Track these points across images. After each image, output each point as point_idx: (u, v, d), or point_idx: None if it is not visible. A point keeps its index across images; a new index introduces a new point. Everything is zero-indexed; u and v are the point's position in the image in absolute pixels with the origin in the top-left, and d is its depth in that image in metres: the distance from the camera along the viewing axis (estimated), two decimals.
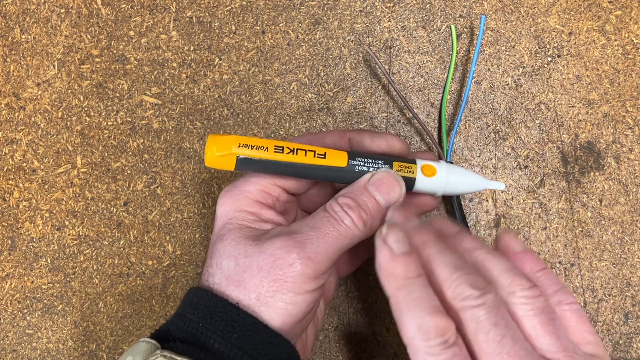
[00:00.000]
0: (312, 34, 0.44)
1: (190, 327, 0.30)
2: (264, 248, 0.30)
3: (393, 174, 0.33)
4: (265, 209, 0.33)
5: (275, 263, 0.30)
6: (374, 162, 0.34)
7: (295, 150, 0.32)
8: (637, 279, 0.42)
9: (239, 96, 0.44)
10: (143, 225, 0.43)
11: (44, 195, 0.43)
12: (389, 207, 0.33)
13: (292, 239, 0.30)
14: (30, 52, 0.44)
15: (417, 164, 0.34)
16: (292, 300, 0.30)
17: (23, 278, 0.43)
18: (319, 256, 0.30)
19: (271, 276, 0.30)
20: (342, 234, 0.31)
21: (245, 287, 0.30)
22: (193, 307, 0.31)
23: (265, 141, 0.32)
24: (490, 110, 0.43)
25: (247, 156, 0.32)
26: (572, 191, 0.42)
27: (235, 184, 0.34)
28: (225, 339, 0.29)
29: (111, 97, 0.44)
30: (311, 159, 0.33)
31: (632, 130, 0.42)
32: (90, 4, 0.44)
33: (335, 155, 0.33)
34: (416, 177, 0.34)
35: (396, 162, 0.34)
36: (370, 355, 0.42)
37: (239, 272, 0.31)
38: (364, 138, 0.35)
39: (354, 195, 0.32)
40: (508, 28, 0.43)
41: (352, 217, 0.31)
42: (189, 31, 0.44)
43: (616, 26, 0.43)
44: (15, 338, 0.43)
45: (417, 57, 0.43)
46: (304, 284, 0.30)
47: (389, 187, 0.33)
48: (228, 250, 0.31)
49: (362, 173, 0.33)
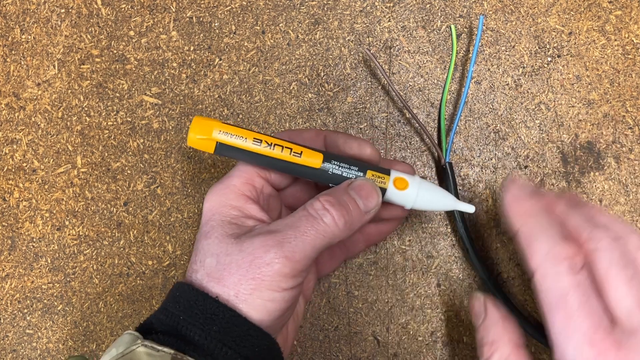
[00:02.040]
0: (312, 34, 0.44)
1: (172, 320, 0.31)
2: (244, 247, 0.31)
3: (372, 183, 0.34)
4: (250, 204, 0.34)
5: (254, 262, 0.31)
6: (348, 167, 0.34)
7: (272, 145, 0.33)
8: None
9: (239, 96, 0.44)
10: (143, 225, 0.43)
11: (44, 195, 0.43)
12: (367, 213, 0.34)
13: (271, 238, 0.31)
14: (31, 52, 0.44)
15: (391, 175, 0.35)
16: (271, 297, 0.31)
17: (23, 278, 0.43)
18: (296, 255, 0.31)
19: (249, 274, 0.31)
20: (321, 232, 0.32)
21: (225, 284, 0.31)
22: (175, 300, 0.32)
23: (245, 132, 0.33)
24: (490, 110, 0.43)
25: (226, 143, 0.33)
26: (572, 191, 0.42)
27: (220, 180, 0.35)
28: (205, 331, 0.30)
29: (111, 97, 0.44)
30: (287, 156, 0.34)
31: (632, 130, 0.42)
32: (90, 4, 0.44)
33: (310, 155, 0.34)
34: (387, 188, 0.35)
35: (370, 170, 0.35)
36: (370, 355, 0.42)
37: (219, 269, 0.31)
38: (339, 139, 0.36)
39: (335, 195, 0.33)
40: (508, 28, 0.43)
41: (334, 214, 0.32)
42: (189, 31, 0.44)
43: (616, 26, 0.43)
44: (15, 338, 0.43)
45: (417, 57, 0.43)
46: (282, 282, 0.31)
47: (367, 194, 0.34)
48: (211, 248, 0.32)
49: (335, 176, 0.34)
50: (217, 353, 0.30)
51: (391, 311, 0.42)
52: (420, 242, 0.43)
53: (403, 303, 0.42)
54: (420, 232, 0.43)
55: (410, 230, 0.42)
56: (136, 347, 0.29)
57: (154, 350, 0.29)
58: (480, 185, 0.42)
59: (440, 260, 0.42)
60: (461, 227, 0.41)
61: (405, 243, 0.43)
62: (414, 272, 0.42)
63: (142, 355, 0.29)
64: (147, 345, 0.29)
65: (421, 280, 0.42)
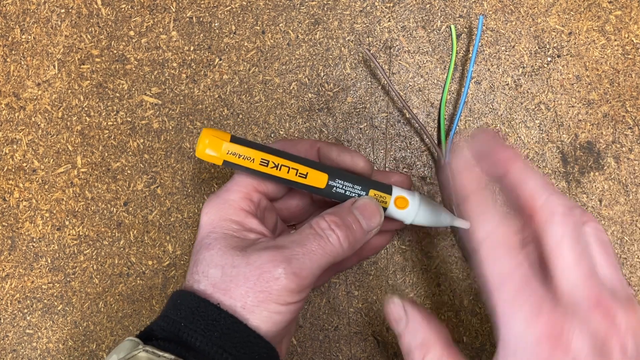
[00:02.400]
0: (312, 34, 0.44)
1: (173, 326, 0.31)
2: (251, 260, 0.32)
3: (375, 203, 0.35)
4: (250, 218, 0.34)
5: (262, 276, 0.31)
6: (352, 186, 0.35)
7: (279, 166, 0.34)
8: (637, 279, 0.42)
9: (239, 96, 0.44)
10: (143, 225, 0.43)
11: (44, 195, 0.43)
12: (370, 232, 0.35)
13: (280, 253, 0.32)
14: (31, 52, 0.44)
15: (392, 194, 0.36)
16: (277, 310, 0.31)
17: (23, 278, 0.43)
18: (303, 272, 0.31)
19: (257, 287, 0.31)
20: (327, 251, 0.33)
21: (231, 296, 0.31)
22: (176, 308, 0.32)
23: (253, 152, 0.34)
24: (490, 110, 0.43)
25: (234, 162, 0.34)
26: (571, 191, 0.42)
27: (217, 194, 0.35)
28: (206, 337, 0.30)
29: (111, 97, 0.44)
30: (293, 177, 0.34)
31: (632, 130, 0.42)
32: (90, 4, 0.44)
33: (316, 176, 0.35)
34: (388, 207, 0.36)
35: (373, 189, 0.36)
36: (370, 355, 0.42)
37: (225, 281, 0.32)
38: (332, 151, 0.37)
39: (340, 215, 0.34)
40: (508, 28, 0.43)
41: (339, 235, 0.33)
42: (189, 31, 0.44)
43: (616, 26, 0.43)
44: (16, 338, 0.43)
45: (417, 57, 0.43)
46: (288, 297, 0.31)
47: (370, 214, 0.35)
48: (215, 260, 0.32)
49: (338, 194, 0.35)
50: (217, 359, 0.30)
51: None
52: (420, 242, 0.43)
53: None
54: (420, 232, 0.43)
55: (410, 230, 0.43)
56: (137, 352, 0.30)
57: (155, 355, 0.29)
58: None
59: (440, 260, 0.42)
60: None
61: (405, 243, 0.43)
62: (414, 272, 0.42)
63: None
64: (148, 350, 0.30)
65: (421, 280, 0.42)
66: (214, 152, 0.33)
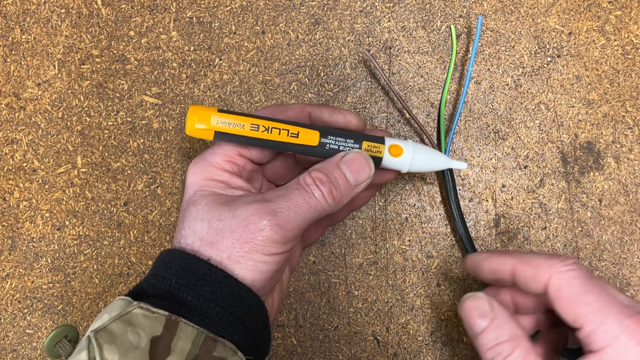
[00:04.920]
0: (312, 34, 0.44)
1: (164, 284, 0.32)
2: (237, 213, 0.32)
3: (364, 155, 0.35)
4: (234, 177, 0.35)
5: (248, 227, 0.32)
6: (344, 140, 0.35)
7: (270, 129, 0.34)
8: (637, 279, 0.42)
9: (239, 96, 0.44)
10: (143, 225, 0.43)
11: (44, 195, 0.43)
12: (358, 186, 0.35)
13: (266, 206, 0.32)
14: (31, 52, 0.44)
15: (386, 143, 0.36)
16: (262, 259, 0.32)
17: (23, 278, 0.43)
18: (288, 224, 0.32)
19: (243, 238, 0.32)
20: (312, 206, 0.33)
21: (218, 247, 0.32)
22: (166, 266, 0.32)
23: (243, 118, 0.34)
24: (490, 110, 0.43)
25: (225, 131, 0.34)
26: (571, 191, 0.42)
27: (202, 156, 0.36)
28: (198, 292, 0.31)
29: (111, 97, 0.44)
30: (284, 137, 0.34)
31: (631, 130, 0.42)
32: (90, 4, 0.44)
33: (307, 134, 0.35)
34: (383, 156, 0.36)
35: (366, 141, 0.36)
36: (370, 355, 0.42)
37: (212, 234, 0.33)
38: (323, 112, 0.37)
39: (326, 170, 0.34)
40: (508, 28, 0.43)
41: (323, 191, 0.33)
42: (189, 31, 0.44)
43: (616, 26, 0.43)
44: (16, 338, 0.43)
45: (417, 57, 0.43)
46: (273, 248, 0.32)
47: (359, 168, 0.35)
48: (201, 214, 0.33)
49: (332, 150, 0.35)
50: (209, 312, 0.31)
51: (391, 311, 0.42)
52: (420, 242, 0.43)
53: (403, 303, 0.42)
54: (420, 232, 0.43)
55: (410, 230, 0.43)
56: (132, 308, 0.30)
57: (149, 312, 0.30)
58: (480, 185, 0.43)
59: (440, 260, 0.42)
60: (461, 227, 0.41)
61: (405, 243, 0.43)
62: (414, 272, 0.42)
63: (139, 317, 0.30)
64: (142, 307, 0.30)
65: (421, 280, 0.42)
66: (203, 125, 0.34)
